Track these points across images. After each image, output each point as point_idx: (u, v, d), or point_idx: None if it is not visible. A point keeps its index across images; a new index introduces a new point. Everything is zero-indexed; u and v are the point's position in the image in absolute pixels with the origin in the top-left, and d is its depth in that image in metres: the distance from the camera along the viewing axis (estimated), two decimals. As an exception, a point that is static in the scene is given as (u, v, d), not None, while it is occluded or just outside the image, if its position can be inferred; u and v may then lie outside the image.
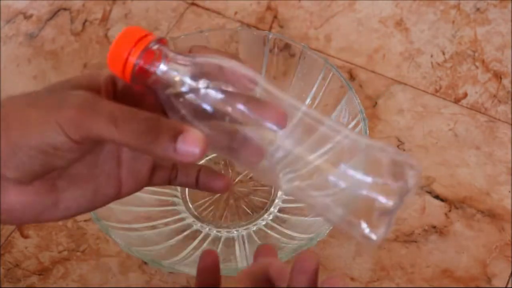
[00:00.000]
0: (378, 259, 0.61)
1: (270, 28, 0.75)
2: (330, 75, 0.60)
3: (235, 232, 0.61)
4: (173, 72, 0.38)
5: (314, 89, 0.62)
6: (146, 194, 0.60)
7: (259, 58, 0.63)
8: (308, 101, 0.63)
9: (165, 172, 0.43)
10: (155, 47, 0.38)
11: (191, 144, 0.36)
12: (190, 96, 0.38)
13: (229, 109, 0.38)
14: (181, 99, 0.38)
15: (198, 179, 0.44)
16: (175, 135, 0.36)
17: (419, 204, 0.64)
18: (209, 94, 0.38)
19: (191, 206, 0.63)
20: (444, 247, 0.61)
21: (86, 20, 0.76)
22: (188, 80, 0.38)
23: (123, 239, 0.54)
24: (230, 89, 0.38)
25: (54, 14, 0.77)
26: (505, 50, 0.73)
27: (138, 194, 0.42)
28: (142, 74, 0.38)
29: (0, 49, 0.74)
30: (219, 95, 0.38)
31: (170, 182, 0.44)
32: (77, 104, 0.37)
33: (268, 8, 0.76)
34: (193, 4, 0.77)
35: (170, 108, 0.39)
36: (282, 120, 0.39)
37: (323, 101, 0.62)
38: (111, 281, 0.60)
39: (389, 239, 0.62)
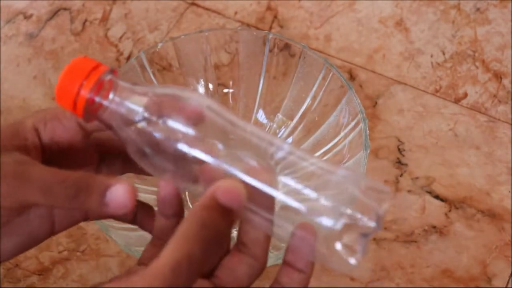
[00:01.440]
0: (378, 259, 0.61)
1: (270, 28, 0.75)
2: (330, 75, 0.60)
3: (235, 232, 0.61)
4: (128, 104, 0.37)
5: (314, 89, 0.62)
6: (146, 194, 0.60)
7: (259, 58, 0.63)
8: (308, 101, 0.63)
9: None
10: (108, 78, 0.37)
11: (120, 198, 0.37)
12: (146, 128, 0.37)
13: (182, 143, 0.37)
14: (137, 132, 0.37)
15: (135, 215, 0.44)
16: (104, 191, 0.37)
17: (419, 204, 0.64)
18: (165, 127, 0.37)
19: (191, 206, 0.63)
20: (444, 247, 0.61)
21: (86, 20, 0.76)
22: (142, 112, 0.37)
23: (123, 239, 0.54)
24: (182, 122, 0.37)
25: (54, 14, 0.77)
26: (505, 50, 0.73)
27: (138, 194, 0.42)
28: (95, 108, 0.37)
29: (0, 49, 0.74)
30: (173, 129, 0.37)
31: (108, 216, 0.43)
32: (7, 174, 0.37)
33: (268, 8, 0.76)
34: (193, 4, 0.77)
35: (128, 143, 0.38)
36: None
37: (323, 101, 0.62)
38: (111, 281, 0.60)
39: (389, 239, 0.62)
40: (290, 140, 0.65)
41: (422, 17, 0.75)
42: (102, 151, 0.43)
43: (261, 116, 0.65)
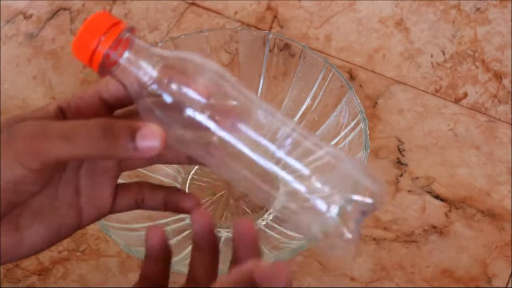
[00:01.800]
0: (378, 259, 0.61)
1: (270, 28, 0.75)
2: (330, 75, 0.60)
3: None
4: (141, 63, 0.37)
5: (314, 89, 0.62)
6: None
7: (259, 58, 0.63)
8: (308, 101, 0.63)
9: (130, 197, 0.42)
10: (126, 36, 0.37)
11: (150, 139, 0.36)
12: (157, 90, 0.36)
13: (198, 111, 0.36)
14: (147, 93, 0.37)
15: (166, 200, 0.43)
16: (132, 133, 0.36)
17: (419, 204, 0.64)
18: (175, 92, 0.36)
19: (191, 206, 0.63)
20: (444, 247, 0.61)
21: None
22: (155, 74, 0.37)
23: (123, 239, 0.54)
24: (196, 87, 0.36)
25: (54, 14, 0.77)
26: (505, 50, 0.73)
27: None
28: (110, 63, 0.37)
29: (0, 49, 0.74)
30: (183, 94, 0.36)
31: (138, 206, 0.42)
32: (27, 133, 0.36)
33: (268, 8, 0.76)
34: (193, 4, 0.77)
35: (139, 105, 0.37)
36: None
37: (323, 101, 0.62)
38: (111, 281, 0.60)
39: (389, 239, 0.62)
40: (290, 140, 0.65)
41: (422, 17, 0.75)
42: None
43: (261, 116, 0.65)
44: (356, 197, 0.37)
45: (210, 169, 0.45)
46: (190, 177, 0.64)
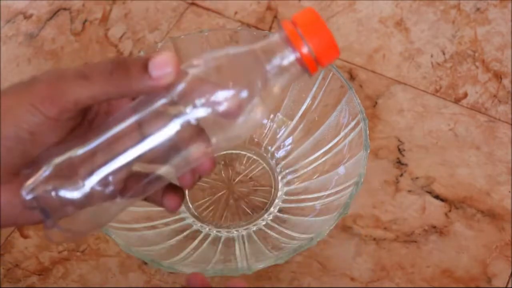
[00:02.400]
0: (378, 259, 0.61)
1: (270, 28, 0.75)
2: (330, 75, 0.60)
3: (235, 232, 0.61)
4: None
5: (314, 89, 0.62)
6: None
7: (259, 58, 0.63)
8: (308, 101, 0.63)
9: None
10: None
11: (162, 66, 0.36)
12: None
13: None
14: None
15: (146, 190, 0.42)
16: (144, 63, 0.36)
17: (419, 204, 0.64)
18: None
19: (191, 206, 0.63)
20: (444, 247, 0.61)
21: (86, 20, 0.76)
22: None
23: (123, 239, 0.54)
24: None
25: (54, 14, 0.77)
26: (505, 50, 0.73)
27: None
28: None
29: (0, 49, 0.74)
30: None
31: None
32: (45, 78, 0.36)
33: (268, 8, 0.76)
34: (193, 4, 0.77)
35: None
36: None
37: (323, 101, 0.62)
38: (111, 281, 0.60)
39: (389, 239, 0.62)
40: (290, 140, 0.65)
41: (422, 17, 0.75)
42: None
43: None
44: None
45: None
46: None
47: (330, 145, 0.61)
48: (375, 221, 0.63)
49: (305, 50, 0.36)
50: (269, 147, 0.65)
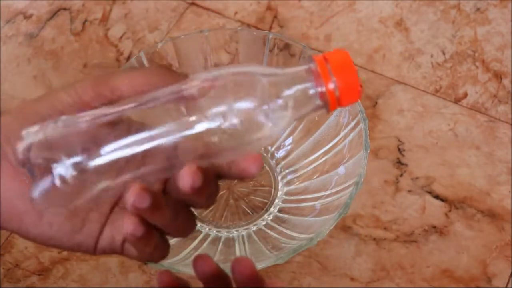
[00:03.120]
0: (378, 259, 0.61)
1: (270, 28, 0.75)
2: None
3: (235, 232, 0.61)
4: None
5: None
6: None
7: (259, 58, 0.63)
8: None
9: None
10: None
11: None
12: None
13: None
14: None
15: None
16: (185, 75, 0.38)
17: (419, 204, 0.64)
18: None
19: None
20: (444, 247, 0.61)
21: (86, 20, 0.76)
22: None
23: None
24: None
25: (54, 14, 0.77)
26: (505, 50, 0.73)
27: None
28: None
29: (0, 49, 0.74)
30: None
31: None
32: (101, 73, 0.38)
33: (268, 8, 0.76)
34: (193, 4, 0.77)
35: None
36: None
37: (323, 101, 0.62)
38: (111, 281, 0.60)
39: (389, 239, 0.62)
40: (290, 140, 0.65)
41: (422, 17, 0.75)
42: None
43: (261, 116, 0.65)
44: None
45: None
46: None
47: (330, 145, 0.61)
48: (375, 221, 0.63)
49: (331, 86, 0.37)
50: (269, 147, 0.65)
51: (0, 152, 0.37)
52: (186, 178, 0.35)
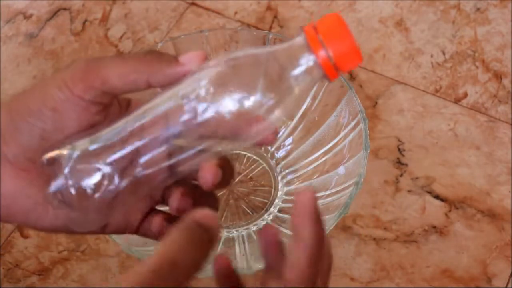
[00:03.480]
0: (378, 259, 0.61)
1: (270, 28, 0.75)
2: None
3: (235, 232, 0.61)
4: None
5: (314, 89, 0.62)
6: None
7: (259, 58, 0.63)
8: (308, 100, 0.63)
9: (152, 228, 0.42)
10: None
11: (191, 55, 0.38)
12: None
13: None
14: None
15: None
16: (176, 56, 0.38)
17: (419, 204, 0.64)
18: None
19: (191, 206, 0.63)
20: (444, 247, 0.61)
21: (86, 20, 0.76)
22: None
23: (123, 239, 0.54)
24: None
25: (54, 14, 0.77)
26: (505, 50, 0.73)
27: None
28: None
29: (0, 49, 0.74)
30: None
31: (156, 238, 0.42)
32: (85, 60, 0.37)
33: (268, 8, 0.76)
34: (193, 4, 0.77)
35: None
36: None
37: (323, 101, 0.62)
38: (111, 281, 0.60)
39: (389, 239, 0.62)
40: (290, 140, 0.65)
41: (422, 17, 0.75)
42: None
43: (261, 116, 0.65)
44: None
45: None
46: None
47: (330, 145, 0.61)
48: (375, 221, 0.63)
49: (322, 55, 0.36)
50: (269, 147, 0.65)
51: None
52: (208, 175, 0.38)
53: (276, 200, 0.63)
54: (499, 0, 0.76)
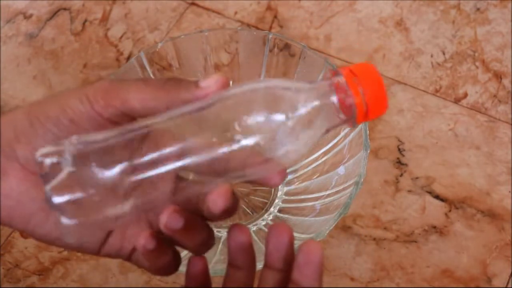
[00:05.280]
0: (378, 259, 0.61)
1: (270, 28, 0.75)
2: (330, 75, 0.60)
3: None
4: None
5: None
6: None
7: (259, 58, 0.63)
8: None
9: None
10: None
11: (210, 79, 0.37)
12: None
13: None
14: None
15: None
16: (196, 81, 0.38)
17: (419, 204, 0.64)
18: None
19: (191, 206, 0.63)
20: (444, 247, 0.61)
21: (86, 20, 0.76)
22: None
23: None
24: None
25: (54, 14, 0.77)
26: (505, 50, 0.73)
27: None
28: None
29: (0, 49, 0.74)
30: None
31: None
32: (110, 79, 0.38)
33: (268, 8, 0.76)
34: (193, 4, 0.77)
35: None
36: None
37: (323, 101, 0.62)
38: (111, 281, 0.60)
39: (389, 239, 0.62)
40: (290, 140, 0.65)
41: (422, 17, 0.75)
42: None
43: (261, 116, 0.65)
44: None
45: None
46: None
47: (330, 145, 0.61)
48: (375, 221, 0.63)
49: (358, 99, 0.36)
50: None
51: (6, 151, 0.37)
52: (219, 200, 0.37)
53: (276, 200, 0.63)
54: (499, 0, 0.76)
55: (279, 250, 0.38)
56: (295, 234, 0.58)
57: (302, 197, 0.62)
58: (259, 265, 0.53)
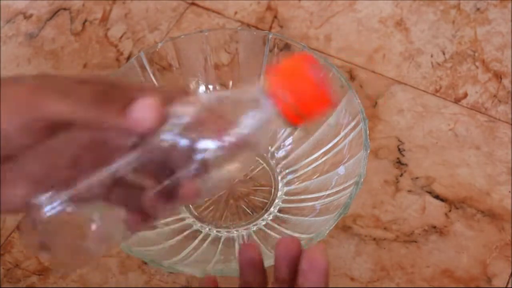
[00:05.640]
0: (378, 259, 0.61)
1: (270, 28, 0.75)
2: (330, 75, 0.60)
3: (235, 232, 0.61)
4: None
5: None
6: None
7: (259, 58, 0.63)
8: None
9: None
10: None
11: (144, 111, 0.34)
12: None
13: None
14: None
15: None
16: (126, 104, 0.34)
17: (419, 204, 0.64)
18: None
19: (191, 206, 0.63)
20: (444, 247, 0.61)
21: (86, 20, 0.76)
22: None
23: (123, 239, 0.54)
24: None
25: (54, 14, 0.77)
26: (505, 50, 0.73)
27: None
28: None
29: (0, 49, 0.74)
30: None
31: None
32: (26, 85, 0.34)
33: (268, 8, 0.76)
34: (193, 4, 0.77)
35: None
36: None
37: (323, 101, 0.62)
38: (111, 281, 0.60)
39: (389, 239, 0.62)
40: (290, 140, 0.65)
41: (422, 17, 0.75)
42: None
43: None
44: None
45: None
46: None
47: (330, 145, 0.61)
48: (375, 221, 0.63)
49: (283, 104, 0.36)
50: (269, 147, 0.65)
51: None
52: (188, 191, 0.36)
53: (276, 200, 0.63)
54: (499, 0, 0.76)
55: (288, 264, 0.38)
56: (295, 234, 0.58)
57: (302, 197, 0.62)
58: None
